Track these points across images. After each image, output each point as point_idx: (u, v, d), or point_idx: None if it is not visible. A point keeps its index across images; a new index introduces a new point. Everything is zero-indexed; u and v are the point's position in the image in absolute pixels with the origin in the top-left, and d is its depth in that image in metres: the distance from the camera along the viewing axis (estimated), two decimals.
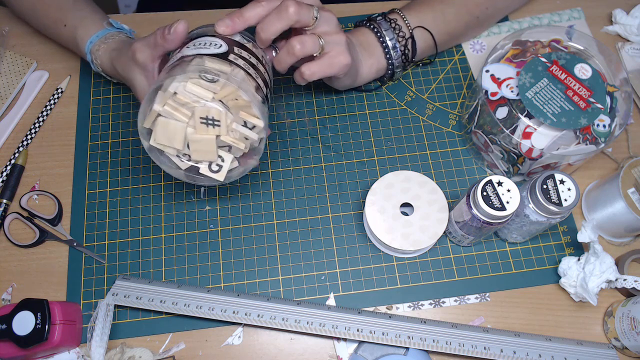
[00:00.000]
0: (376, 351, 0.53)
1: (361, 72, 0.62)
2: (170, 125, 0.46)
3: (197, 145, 0.47)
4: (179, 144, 0.47)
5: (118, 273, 0.59)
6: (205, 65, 0.46)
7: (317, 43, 0.52)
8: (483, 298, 0.58)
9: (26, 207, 0.62)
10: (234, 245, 0.61)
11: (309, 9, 0.51)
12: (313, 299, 0.58)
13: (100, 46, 0.60)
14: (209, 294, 0.56)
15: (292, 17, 0.50)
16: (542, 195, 0.50)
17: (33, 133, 0.67)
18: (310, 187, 0.63)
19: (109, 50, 0.59)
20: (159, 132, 0.47)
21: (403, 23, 0.62)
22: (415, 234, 0.56)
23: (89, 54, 0.61)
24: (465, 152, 0.65)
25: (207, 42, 0.49)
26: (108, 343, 0.54)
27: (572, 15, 0.73)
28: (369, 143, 0.66)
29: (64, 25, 0.62)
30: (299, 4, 0.50)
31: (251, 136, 0.48)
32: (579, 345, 0.54)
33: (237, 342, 0.56)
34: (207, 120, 0.46)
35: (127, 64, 0.54)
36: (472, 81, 0.69)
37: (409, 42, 0.62)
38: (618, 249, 0.60)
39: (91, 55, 0.61)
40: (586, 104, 0.55)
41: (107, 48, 0.59)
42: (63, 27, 0.62)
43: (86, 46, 0.60)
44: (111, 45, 0.59)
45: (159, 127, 0.46)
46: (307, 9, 0.51)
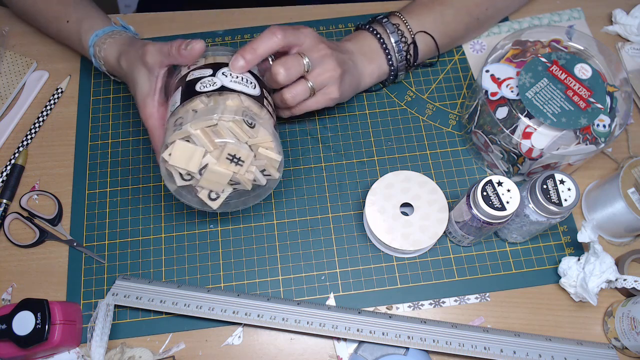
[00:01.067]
0: (376, 351, 0.53)
1: (362, 82, 0.62)
2: (190, 149, 0.47)
3: (212, 176, 0.49)
4: (195, 167, 0.48)
5: (118, 273, 0.59)
6: (249, 110, 0.49)
7: (307, 87, 0.55)
8: (483, 298, 0.58)
9: (26, 207, 0.62)
10: (234, 245, 0.61)
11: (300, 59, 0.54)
12: (313, 299, 0.58)
13: (107, 40, 0.60)
14: (209, 294, 0.56)
15: (304, 68, 0.53)
16: (542, 195, 0.50)
17: (33, 133, 0.67)
18: (310, 187, 0.63)
19: (118, 43, 0.59)
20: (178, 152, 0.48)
21: (405, 28, 0.62)
22: (415, 234, 0.56)
23: (92, 47, 0.60)
24: (465, 152, 0.65)
25: (244, 79, 0.51)
26: (108, 343, 0.54)
27: (572, 15, 0.73)
28: (369, 143, 0.66)
29: (67, 21, 0.62)
30: (308, 52, 0.53)
31: (262, 182, 0.52)
32: (579, 345, 0.54)
33: (237, 342, 0.56)
34: (233, 158, 0.48)
35: (134, 61, 0.55)
36: (472, 81, 0.69)
37: (411, 47, 0.62)
38: (618, 249, 0.60)
39: (94, 49, 0.60)
40: (586, 104, 0.55)
41: (114, 42, 0.59)
42: (65, 23, 0.62)
43: (90, 39, 0.60)
44: (120, 40, 0.59)
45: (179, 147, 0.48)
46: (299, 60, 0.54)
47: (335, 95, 0.57)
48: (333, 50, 0.56)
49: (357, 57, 0.60)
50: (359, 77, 0.61)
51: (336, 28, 0.73)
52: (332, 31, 0.72)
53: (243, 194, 0.54)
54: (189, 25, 0.73)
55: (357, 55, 0.60)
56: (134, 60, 0.55)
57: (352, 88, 0.61)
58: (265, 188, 0.54)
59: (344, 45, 0.60)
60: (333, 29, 0.73)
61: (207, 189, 0.51)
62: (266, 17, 0.73)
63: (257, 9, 0.74)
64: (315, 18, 0.73)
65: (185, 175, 0.50)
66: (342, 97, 0.59)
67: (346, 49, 0.60)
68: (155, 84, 0.54)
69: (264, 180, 0.52)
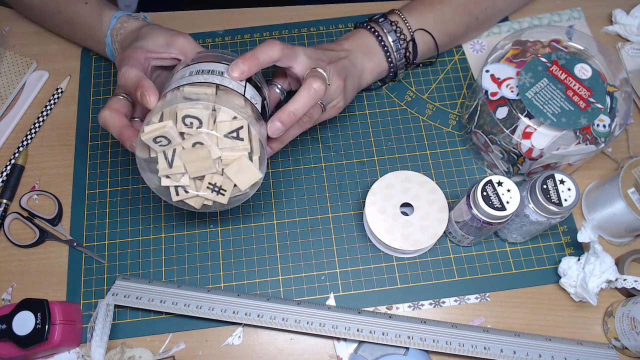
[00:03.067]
0: (376, 351, 0.53)
1: (363, 80, 0.62)
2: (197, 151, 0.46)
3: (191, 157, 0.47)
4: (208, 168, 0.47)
5: (118, 273, 0.59)
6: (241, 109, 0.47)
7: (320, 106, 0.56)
8: (483, 298, 0.58)
9: (26, 207, 0.62)
10: (234, 245, 0.61)
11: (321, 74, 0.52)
12: (313, 299, 0.58)
13: (130, 19, 0.59)
14: (209, 294, 0.56)
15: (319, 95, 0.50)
16: (542, 195, 0.50)
17: (33, 133, 0.67)
18: (310, 187, 0.63)
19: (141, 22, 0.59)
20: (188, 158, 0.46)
21: (404, 25, 0.62)
22: (415, 234, 0.56)
23: (114, 20, 0.60)
24: (465, 152, 0.65)
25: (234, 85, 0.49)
26: (108, 343, 0.54)
27: (572, 15, 0.73)
28: (369, 143, 0.66)
29: (85, 3, 0.62)
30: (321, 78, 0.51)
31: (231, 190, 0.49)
32: (579, 345, 0.54)
33: (237, 342, 0.56)
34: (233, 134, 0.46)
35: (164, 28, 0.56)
36: (472, 81, 0.69)
37: (410, 45, 0.62)
38: (618, 249, 0.60)
39: (117, 23, 0.59)
40: (586, 104, 0.55)
41: (138, 21, 0.59)
42: (83, 5, 0.62)
43: (116, 13, 0.60)
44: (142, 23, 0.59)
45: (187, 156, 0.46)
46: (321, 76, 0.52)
47: (342, 104, 0.58)
48: (331, 61, 0.56)
49: (356, 56, 0.60)
50: (360, 76, 0.61)
51: (336, 28, 0.73)
52: (332, 31, 0.72)
53: None
54: (189, 25, 0.73)
55: (355, 54, 0.60)
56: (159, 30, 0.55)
57: (355, 89, 0.61)
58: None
59: (341, 45, 0.60)
60: (333, 29, 0.73)
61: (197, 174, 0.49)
62: (266, 17, 0.73)
63: (257, 9, 0.74)
64: (315, 18, 0.73)
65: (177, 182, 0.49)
66: (347, 103, 0.60)
67: (343, 48, 0.60)
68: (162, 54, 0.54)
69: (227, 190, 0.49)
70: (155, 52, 0.53)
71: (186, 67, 0.51)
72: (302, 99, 0.49)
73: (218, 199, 0.49)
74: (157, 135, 0.45)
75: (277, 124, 0.49)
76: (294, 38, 0.72)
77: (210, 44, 0.72)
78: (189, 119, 0.45)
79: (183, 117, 0.45)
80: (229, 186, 0.48)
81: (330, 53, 0.57)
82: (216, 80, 0.48)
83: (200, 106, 0.45)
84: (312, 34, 0.72)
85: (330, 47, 0.59)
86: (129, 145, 0.48)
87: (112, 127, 0.50)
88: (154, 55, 0.53)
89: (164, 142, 0.46)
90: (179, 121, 0.45)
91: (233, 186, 0.48)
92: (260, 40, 0.72)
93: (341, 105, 0.58)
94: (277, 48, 0.50)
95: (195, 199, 0.49)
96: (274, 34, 0.72)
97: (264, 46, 0.50)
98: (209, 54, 0.53)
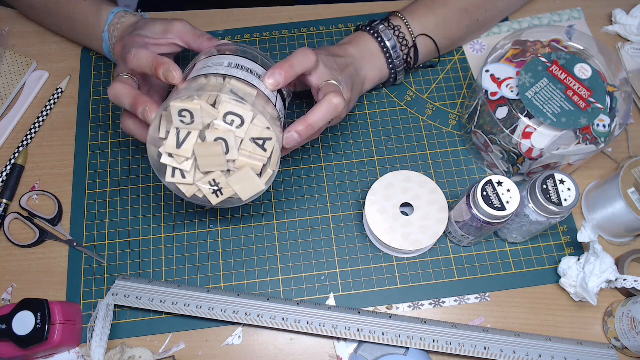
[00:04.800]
0: (376, 351, 0.53)
1: (365, 86, 0.62)
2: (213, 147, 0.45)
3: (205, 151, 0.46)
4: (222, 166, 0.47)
5: (118, 273, 0.59)
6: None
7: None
8: (483, 298, 0.58)
9: (26, 207, 0.62)
10: (234, 245, 0.61)
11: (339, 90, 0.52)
12: (313, 299, 0.58)
13: (127, 14, 0.59)
14: (209, 294, 0.56)
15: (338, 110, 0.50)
16: (542, 195, 0.50)
17: (33, 133, 0.67)
18: (310, 187, 0.63)
19: (138, 17, 0.59)
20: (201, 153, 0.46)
21: (407, 30, 0.62)
22: (415, 234, 0.56)
23: (112, 15, 0.60)
24: (465, 152, 0.65)
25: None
26: (108, 343, 0.54)
27: (572, 15, 0.73)
28: (369, 143, 0.66)
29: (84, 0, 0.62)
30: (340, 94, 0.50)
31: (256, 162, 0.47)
32: (579, 345, 0.54)
33: (237, 342, 0.56)
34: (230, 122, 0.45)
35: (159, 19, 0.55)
36: (472, 81, 0.69)
37: (412, 50, 0.62)
38: (618, 249, 0.60)
39: (114, 19, 0.60)
40: (586, 104, 0.55)
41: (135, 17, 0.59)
42: (83, 1, 0.62)
43: (114, 9, 0.60)
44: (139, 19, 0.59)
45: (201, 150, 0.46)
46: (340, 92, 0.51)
47: (344, 115, 0.58)
48: (341, 69, 0.56)
49: (360, 63, 0.60)
50: (363, 83, 0.61)
51: (336, 28, 0.73)
52: (332, 31, 0.72)
53: None
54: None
55: (359, 61, 0.60)
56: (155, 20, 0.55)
57: (358, 95, 0.61)
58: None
59: (346, 51, 0.60)
60: (333, 29, 0.73)
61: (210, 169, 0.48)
62: (266, 17, 0.73)
63: (257, 9, 0.74)
64: (315, 18, 0.73)
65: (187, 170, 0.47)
66: (349, 111, 0.60)
67: (349, 54, 0.59)
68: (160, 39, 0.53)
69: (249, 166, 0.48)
70: (153, 38, 0.53)
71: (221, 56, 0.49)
72: (322, 113, 0.49)
73: (211, 198, 0.48)
74: (187, 108, 0.43)
75: (295, 135, 0.48)
76: (294, 38, 0.72)
77: None
78: (230, 117, 0.44)
79: (226, 113, 0.44)
80: (228, 192, 0.48)
81: (339, 60, 0.57)
82: (255, 82, 0.48)
83: (247, 107, 0.44)
84: (312, 34, 0.72)
85: (337, 52, 0.59)
86: (141, 110, 0.47)
87: (124, 96, 0.49)
88: (152, 42, 0.53)
89: (186, 120, 0.44)
90: (220, 115, 0.44)
91: (232, 194, 0.48)
92: (261, 40, 0.72)
93: (344, 116, 0.58)
94: (313, 59, 0.50)
95: (188, 187, 0.48)
96: (273, 34, 0.72)
97: (299, 56, 0.49)
98: (246, 50, 0.52)
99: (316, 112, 0.49)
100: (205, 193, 0.48)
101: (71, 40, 0.71)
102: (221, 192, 0.48)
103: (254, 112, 0.45)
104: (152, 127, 0.46)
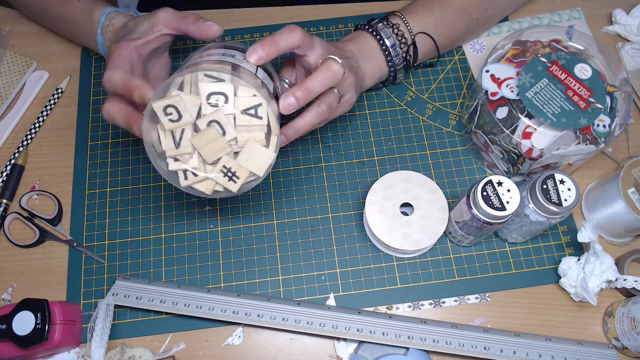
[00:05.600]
0: (376, 351, 0.53)
1: (365, 83, 0.62)
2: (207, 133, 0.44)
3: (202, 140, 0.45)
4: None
5: (118, 273, 0.59)
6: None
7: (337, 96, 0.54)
8: (483, 298, 0.58)
9: (26, 207, 0.62)
10: (234, 245, 0.61)
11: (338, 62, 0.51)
12: (313, 299, 0.58)
13: (117, 15, 0.59)
14: (209, 294, 0.56)
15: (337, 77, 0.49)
16: (542, 195, 0.50)
17: (33, 133, 0.67)
18: (310, 187, 0.63)
19: (129, 17, 0.58)
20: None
21: (405, 29, 0.62)
22: (415, 234, 0.56)
23: (104, 16, 0.59)
24: (465, 152, 0.65)
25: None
26: (108, 343, 0.54)
27: (572, 15, 0.73)
28: (369, 143, 0.66)
29: (78, 0, 0.62)
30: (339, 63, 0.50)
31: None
32: (579, 345, 0.54)
33: (237, 342, 0.56)
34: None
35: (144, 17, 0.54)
36: (472, 81, 0.69)
37: (411, 49, 0.62)
38: (618, 249, 0.60)
39: (105, 20, 0.59)
40: (586, 104, 0.55)
41: (127, 15, 0.59)
42: (76, 2, 0.62)
43: (105, 10, 0.60)
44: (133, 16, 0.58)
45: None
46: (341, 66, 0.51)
47: (354, 100, 0.57)
48: (342, 57, 0.55)
49: (360, 59, 0.60)
50: (362, 79, 0.61)
51: (336, 28, 0.73)
52: (332, 31, 0.72)
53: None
54: None
55: (359, 57, 0.60)
56: (144, 16, 0.54)
57: (359, 91, 0.61)
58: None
59: (346, 46, 0.60)
60: (333, 29, 0.73)
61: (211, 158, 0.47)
62: (266, 17, 0.73)
63: (257, 9, 0.74)
64: (315, 18, 0.73)
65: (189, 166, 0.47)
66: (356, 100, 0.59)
67: (349, 49, 0.60)
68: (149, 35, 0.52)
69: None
70: (142, 37, 0.52)
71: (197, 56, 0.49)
72: (320, 78, 0.48)
73: (229, 185, 0.47)
74: (168, 103, 0.43)
75: (292, 99, 0.47)
76: None
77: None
78: (214, 97, 0.43)
79: (208, 95, 0.43)
80: (243, 173, 0.46)
81: (339, 52, 0.57)
82: (230, 60, 0.47)
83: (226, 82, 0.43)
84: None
85: (337, 46, 0.59)
86: (137, 129, 0.47)
87: (118, 116, 0.49)
88: (141, 42, 0.52)
89: (174, 117, 0.44)
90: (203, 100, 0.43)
91: (247, 174, 0.47)
92: None
93: (353, 101, 0.57)
94: (298, 34, 0.49)
95: (205, 183, 0.47)
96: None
97: (284, 32, 0.48)
98: (219, 44, 0.51)
99: (315, 76, 0.48)
100: (222, 183, 0.47)
101: (71, 40, 0.71)
102: (236, 176, 0.47)
103: (234, 83, 0.44)
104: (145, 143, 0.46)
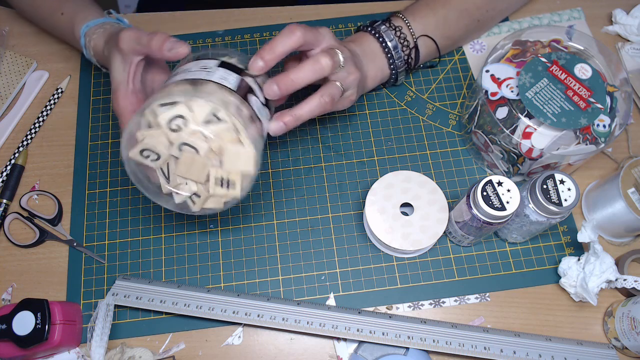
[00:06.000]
0: (376, 351, 0.53)
1: (367, 85, 0.62)
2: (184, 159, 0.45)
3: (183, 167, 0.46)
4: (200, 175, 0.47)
5: (118, 273, 0.59)
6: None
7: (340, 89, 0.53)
8: (483, 298, 0.58)
9: (26, 207, 0.62)
10: (234, 245, 0.61)
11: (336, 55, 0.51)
12: (313, 299, 0.58)
13: (97, 30, 0.58)
14: (209, 294, 0.56)
15: (326, 71, 0.49)
16: (542, 195, 0.50)
17: (33, 133, 0.67)
18: (310, 187, 0.63)
19: (107, 33, 0.58)
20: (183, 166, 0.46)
21: (408, 31, 0.61)
22: (415, 234, 0.56)
23: (83, 37, 0.59)
24: (465, 152, 0.65)
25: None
26: (108, 343, 0.54)
27: (572, 15, 0.73)
28: (369, 143, 0.66)
29: (61, 14, 0.62)
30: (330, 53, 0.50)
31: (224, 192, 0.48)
32: (579, 345, 0.54)
33: (237, 342, 0.56)
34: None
35: (112, 47, 0.53)
36: (472, 81, 0.69)
37: (413, 51, 0.62)
38: (618, 249, 0.60)
39: (85, 39, 0.59)
40: (586, 104, 0.55)
41: (104, 32, 0.58)
42: (60, 16, 0.62)
43: (82, 29, 0.59)
44: (109, 30, 0.58)
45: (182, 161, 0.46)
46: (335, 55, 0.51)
47: (354, 97, 0.57)
48: (350, 54, 0.55)
49: (362, 60, 0.60)
50: (365, 80, 0.61)
51: (336, 28, 0.73)
52: (332, 31, 0.72)
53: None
54: (189, 25, 0.73)
55: (362, 58, 0.60)
56: (112, 46, 0.53)
57: (361, 91, 0.60)
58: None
59: (349, 46, 0.60)
60: (333, 29, 0.73)
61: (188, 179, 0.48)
62: (266, 17, 0.73)
63: (257, 9, 0.74)
64: (316, 18, 0.73)
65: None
66: (358, 98, 0.59)
67: (352, 50, 0.59)
68: (129, 70, 0.51)
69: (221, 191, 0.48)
70: (125, 78, 0.52)
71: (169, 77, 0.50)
72: (305, 71, 0.48)
73: (231, 193, 0.47)
74: (141, 148, 0.45)
75: (274, 87, 0.48)
76: None
77: (210, 44, 0.72)
78: (175, 122, 0.44)
79: (168, 121, 0.44)
80: (236, 177, 0.47)
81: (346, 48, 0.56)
82: (191, 76, 0.47)
83: (175, 103, 0.44)
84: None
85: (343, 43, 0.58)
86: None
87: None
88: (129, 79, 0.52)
89: (152, 157, 0.45)
90: (166, 130, 0.44)
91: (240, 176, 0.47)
92: (261, 41, 0.72)
93: (354, 98, 0.57)
94: (297, 35, 0.48)
95: (212, 200, 0.48)
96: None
97: (282, 36, 0.48)
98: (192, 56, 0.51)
99: (300, 68, 0.48)
100: (223, 194, 0.48)
101: None
102: (232, 182, 0.47)
103: (187, 101, 0.44)
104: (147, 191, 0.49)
